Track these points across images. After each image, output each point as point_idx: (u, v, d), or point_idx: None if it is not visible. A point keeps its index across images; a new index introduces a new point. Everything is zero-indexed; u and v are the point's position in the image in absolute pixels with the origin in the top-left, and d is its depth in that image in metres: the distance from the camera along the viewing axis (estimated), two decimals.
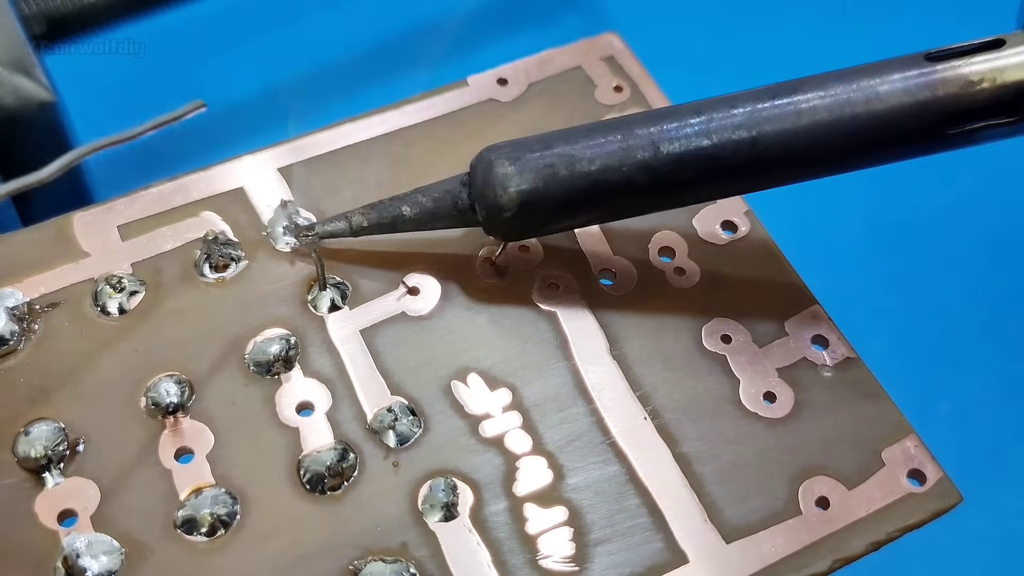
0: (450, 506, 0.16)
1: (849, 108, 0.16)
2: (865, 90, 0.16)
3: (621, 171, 0.16)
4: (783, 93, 0.16)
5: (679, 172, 0.16)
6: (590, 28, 0.22)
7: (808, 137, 0.16)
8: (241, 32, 0.36)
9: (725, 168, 0.16)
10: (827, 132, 0.16)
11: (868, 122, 0.16)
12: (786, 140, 0.16)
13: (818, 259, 0.18)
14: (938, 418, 0.34)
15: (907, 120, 0.16)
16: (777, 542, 0.16)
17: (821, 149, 0.16)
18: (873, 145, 0.16)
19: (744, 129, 0.16)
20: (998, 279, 0.36)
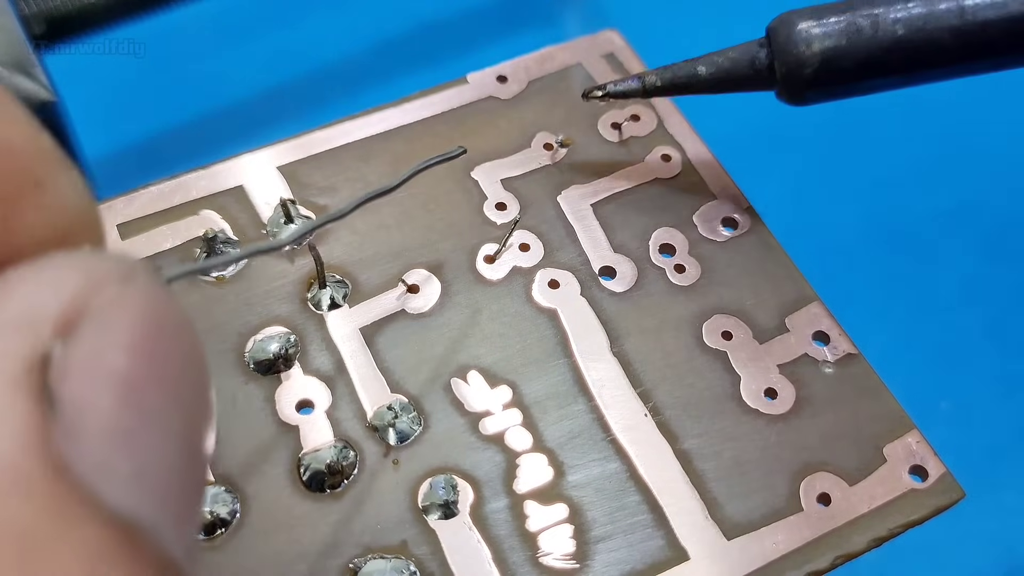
0: (450, 504, 0.16)
1: None
2: None
3: (925, 31, 0.16)
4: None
5: (983, 35, 0.16)
6: (590, 25, 0.22)
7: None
8: (241, 32, 0.36)
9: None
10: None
11: None
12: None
13: (819, 256, 0.18)
14: (938, 417, 0.34)
15: None
16: (778, 539, 0.16)
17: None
18: None
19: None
20: (998, 279, 0.36)
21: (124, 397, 0.07)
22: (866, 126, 0.32)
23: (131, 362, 0.08)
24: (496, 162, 0.20)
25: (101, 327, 0.08)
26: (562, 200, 0.19)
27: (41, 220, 0.08)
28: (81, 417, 0.07)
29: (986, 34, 0.16)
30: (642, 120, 0.21)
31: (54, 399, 0.07)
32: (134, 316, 0.08)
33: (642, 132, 0.20)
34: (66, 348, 0.07)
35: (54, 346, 0.07)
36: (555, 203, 0.19)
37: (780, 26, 0.17)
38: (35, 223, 0.08)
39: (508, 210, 0.19)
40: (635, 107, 0.21)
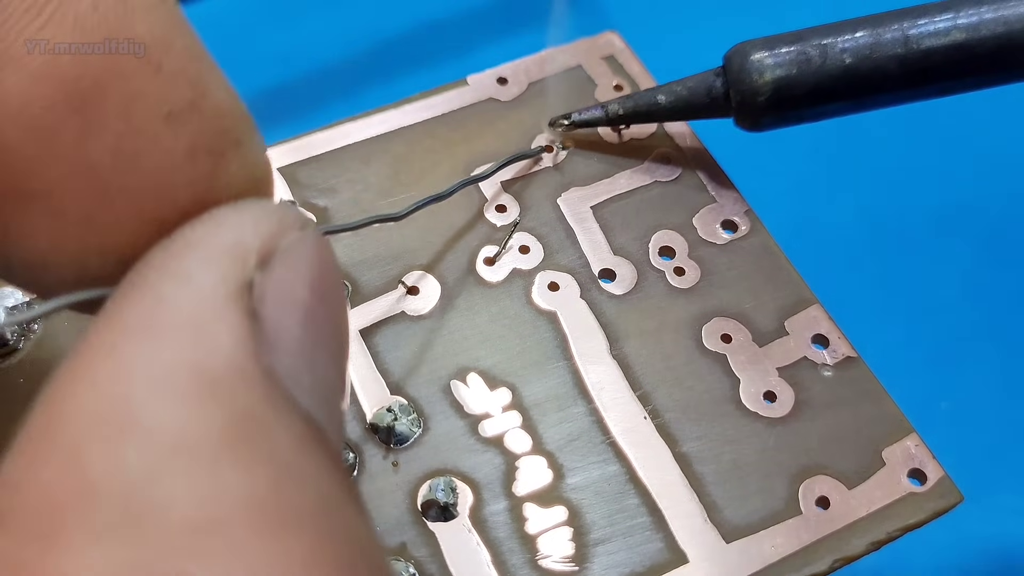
0: (448, 506, 0.16)
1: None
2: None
3: (872, 60, 0.17)
4: None
5: (927, 62, 0.17)
6: (590, 27, 0.22)
7: None
8: (241, 32, 0.36)
9: (976, 59, 0.17)
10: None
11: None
12: None
13: (819, 258, 0.18)
14: (938, 418, 0.34)
15: None
16: (777, 542, 0.16)
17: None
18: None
19: (993, 24, 0.17)
20: (998, 279, 0.36)
21: (305, 322, 0.09)
22: (866, 128, 0.32)
23: (310, 294, 0.09)
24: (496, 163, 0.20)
25: (289, 263, 0.09)
26: (562, 202, 0.19)
27: (240, 172, 0.10)
28: (277, 334, 0.09)
29: (929, 61, 0.17)
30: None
31: (256, 316, 0.09)
32: (311, 257, 0.09)
33: (642, 134, 0.20)
34: (264, 277, 0.09)
35: (256, 274, 0.09)
36: (555, 205, 0.19)
37: (735, 56, 0.18)
38: (236, 174, 0.10)
39: (508, 212, 0.19)
40: None
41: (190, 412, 0.08)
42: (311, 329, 0.09)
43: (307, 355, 0.09)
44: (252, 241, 0.09)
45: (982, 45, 0.17)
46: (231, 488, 0.07)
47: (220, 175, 0.10)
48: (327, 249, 0.10)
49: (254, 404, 0.08)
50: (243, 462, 0.08)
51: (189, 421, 0.08)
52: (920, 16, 0.18)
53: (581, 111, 0.20)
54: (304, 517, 0.08)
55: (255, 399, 0.08)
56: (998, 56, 0.17)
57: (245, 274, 0.09)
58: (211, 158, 0.09)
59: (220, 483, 0.07)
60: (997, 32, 0.17)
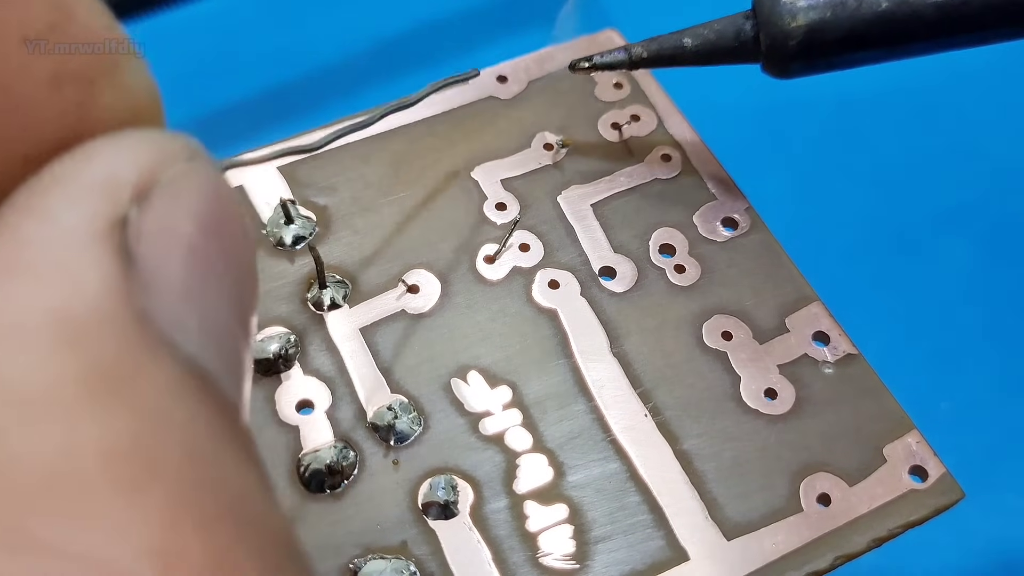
0: (449, 504, 0.16)
1: None
2: None
3: (908, 4, 0.17)
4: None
5: (967, 8, 0.16)
6: (590, 26, 0.22)
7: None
8: (241, 32, 0.36)
9: (1016, 7, 0.16)
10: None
11: None
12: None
13: (819, 256, 0.18)
14: (938, 418, 0.34)
15: None
16: (778, 539, 0.16)
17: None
18: None
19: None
20: (998, 279, 0.36)
21: (190, 261, 0.08)
22: (866, 126, 0.32)
23: (196, 230, 0.08)
24: (496, 162, 0.20)
25: (171, 197, 0.08)
26: (562, 200, 0.19)
27: (116, 101, 0.09)
28: (155, 275, 0.08)
29: (969, 7, 0.17)
30: (642, 120, 0.21)
31: (131, 255, 0.08)
32: (199, 190, 0.09)
33: (642, 132, 0.20)
34: (141, 213, 0.08)
35: (131, 210, 0.08)
36: (555, 203, 0.19)
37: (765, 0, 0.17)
38: (111, 103, 0.09)
39: (508, 210, 0.19)
40: (635, 107, 0.21)
41: (45, 360, 0.07)
42: (199, 268, 0.08)
43: (194, 296, 0.08)
44: (127, 174, 0.08)
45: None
46: (86, 440, 0.07)
47: (92, 105, 0.09)
48: (221, 182, 0.09)
49: (121, 350, 0.07)
50: (102, 412, 0.07)
51: (43, 370, 0.07)
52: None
53: (603, 54, 0.19)
54: (170, 468, 0.07)
55: (123, 345, 0.07)
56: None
57: (117, 210, 0.08)
58: (80, 86, 0.09)
59: (74, 435, 0.07)
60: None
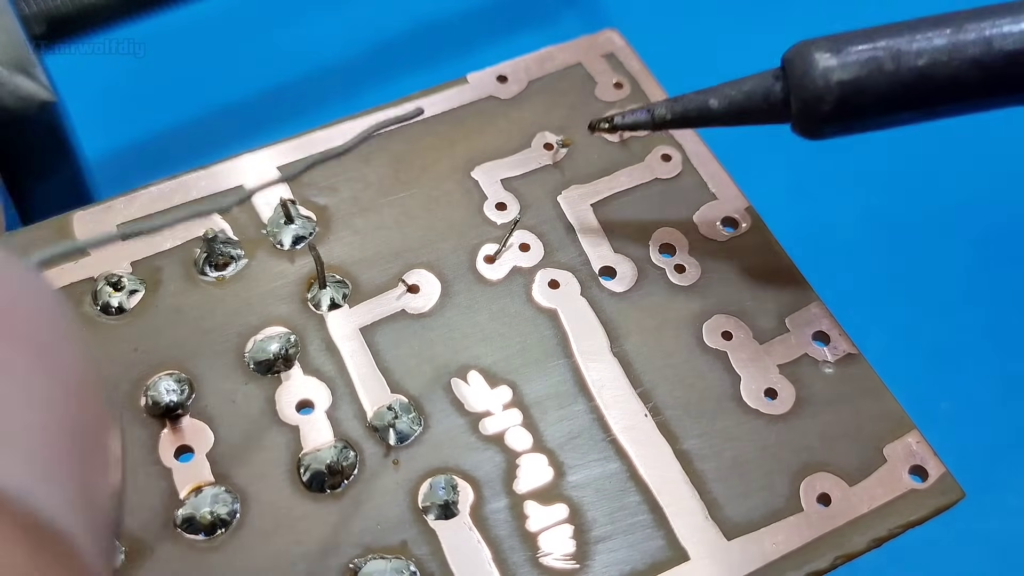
0: (450, 504, 0.16)
1: None
2: None
3: (950, 67, 0.16)
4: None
5: (1011, 69, 0.16)
6: (589, 25, 0.22)
7: None
8: (241, 32, 0.36)
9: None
10: None
11: None
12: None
13: (819, 256, 0.18)
14: (938, 418, 0.34)
15: None
16: (778, 539, 0.16)
17: None
18: None
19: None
20: (998, 279, 0.36)
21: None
22: None
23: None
24: (496, 162, 0.20)
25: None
26: (562, 200, 0.19)
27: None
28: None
29: (1014, 68, 0.16)
30: None
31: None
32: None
33: (642, 132, 0.20)
34: None
35: None
36: (555, 203, 0.19)
37: (796, 58, 0.16)
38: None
39: (508, 210, 0.19)
40: (636, 104, 0.21)
41: None
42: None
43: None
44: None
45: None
46: None
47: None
48: (9, 267, 0.08)
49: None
50: None
51: None
52: (1003, 15, 0.16)
53: (624, 114, 0.18)
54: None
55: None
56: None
57: None
58: None
59: None
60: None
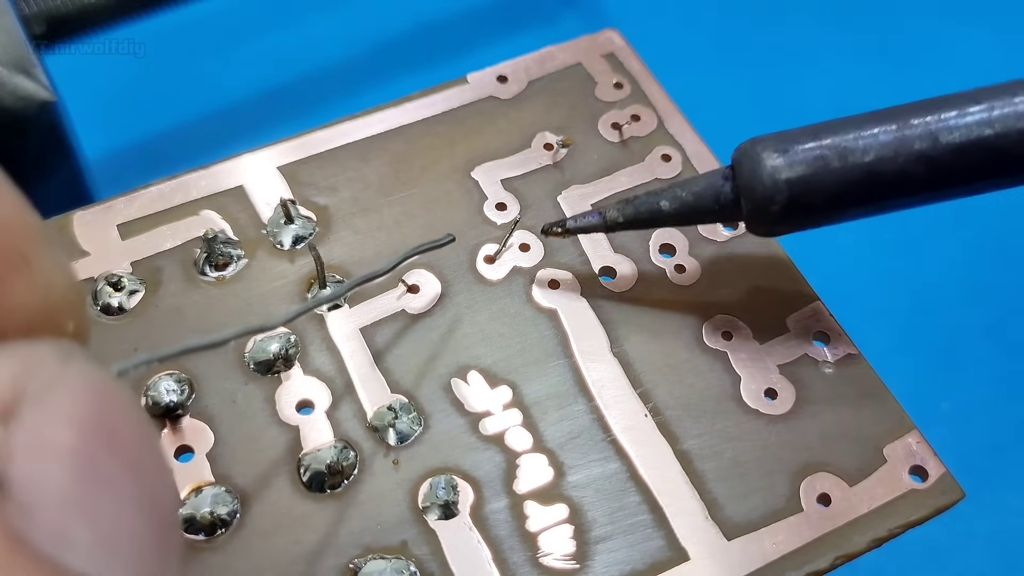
0: (450, 504, 0.16)
1: None
2: None
3: (896, 162, 0.16)
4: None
5: (958, 163, 0.15)
6: (590, 25, 0.22)
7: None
8: (241, 32, 0.36)
9: (1010, 160, 0.15)
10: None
11: None
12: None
13: (819, 256, 0.18)
14: (939, 418, 0.34)
15: None
16: (778, 539, 0.16)
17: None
18: None
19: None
20: (999, 279, 0.36)
21: (75, 469, 0.08)
22: None
23: (77, 435, 0.08)
24: (496, 162, 0.20)
25: (41, 407, 0.08)
26: (562, 200, 0.19)
27: (28, 298, 0.09)
28: (32, 492, 0.07)
29: (961, 161, 0.16)
30: (643, 120, 0.21)
31: (3, 480, 0.07)
32: (75, 393, 0.08)
33: (642, 132, 0.20)
34: (8, 431, 0.08)
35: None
36: (555, 203, 0.19)
37: (744, 158, 0.16)
38: (22, 300, 0.09)
39: (508, 210, 0.19)
40: (635, 107, 0.21)
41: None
42: (85, 475, 0.08)
43: (84, 509, 0.08)
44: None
45: (1021, 141, 0.15)
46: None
47: (2, 300, 0.08)
48: (103, 380, 0.09)
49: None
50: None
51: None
52: (947, 108, 0.16)
53: (577, 218, 0.18)
54: None
55: None
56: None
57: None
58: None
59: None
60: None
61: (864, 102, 0.18)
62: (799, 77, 0.38)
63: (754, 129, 0.18)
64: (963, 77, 0.18)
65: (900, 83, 0.38)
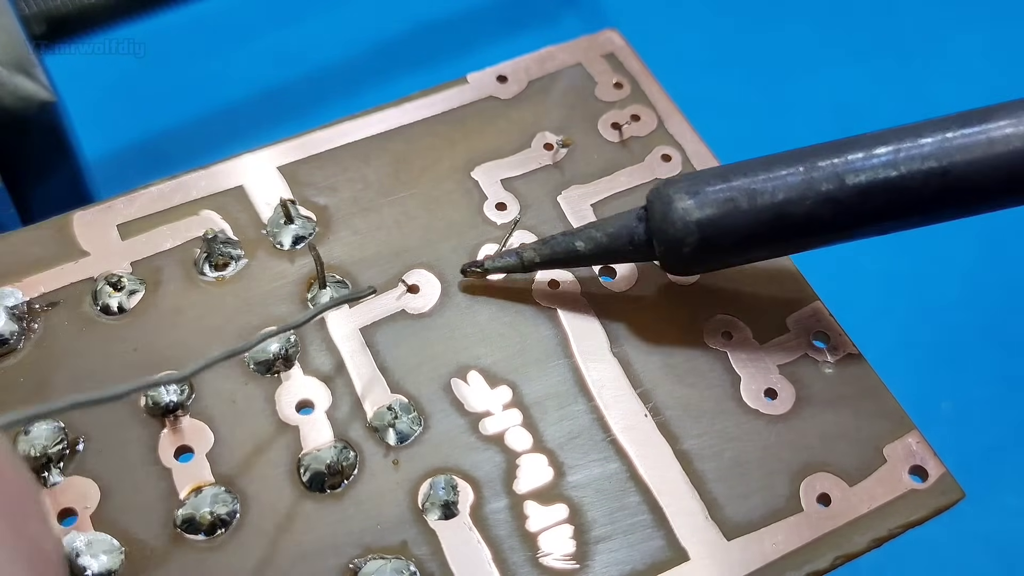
0: (450, 504, 0.16)
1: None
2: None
3: (804, 204, 0.16)
4: (972, 121, 0.15)
5: (865, 204, 0.16)
6: (589, 25, 0.22)
7: (1002, 166, 0.15)
8: (241, 32, 0.36)
9: (914, 200, 0.16)
10: (1021, 161, 0.15)
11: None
12: (979, 170, 0.15)
13: (819, 257, 0.18)
14: (939, 418, 0.34)
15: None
16: (778, 539, 0.16)
17: (1015, 178, 0.15)
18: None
19: (934, 159, 0.15)
20: (998, 279, 0.36)
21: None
22: (864, 127, 0.32)
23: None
24: (496, 162, 0.20)
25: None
26: (562, 200, 0.19)
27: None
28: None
29: (867, 202, 0.16)
30: (643, 120, 0.21)
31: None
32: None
33: (642, 132, 0.20)
34: None
35: None
36: (555, 203, 0.19)
37: (656, 200, 0.17)
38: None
39: (508, 210, 0.19)
40: (635, 107, 0.21)
41: None
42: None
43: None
44: None
45: (926, 183, 0.15)
46: None
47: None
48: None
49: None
50: None
51: None
52: (855, 150, 0.16)
53: (494, 258, 0.18)
54: None
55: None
56: (944, 192, 0.15)
57: None
58: None
59: None
60: (948, 165, 0.15)
61: (862, 102, 0.19)
62: (798, 77, 0.38)
63: (753, 128, 0.18)
64: (962, 77, 0.18)
65: (899, 84, 0.38)
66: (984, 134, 0.15)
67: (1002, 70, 0.38)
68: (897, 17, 0.42)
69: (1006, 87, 0.34)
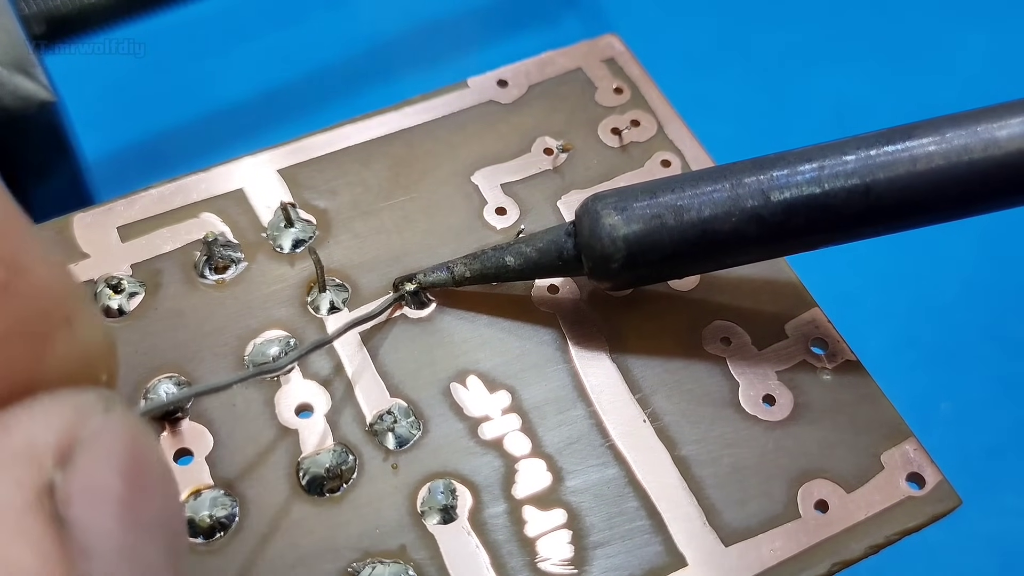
0: (449, 508, 0.16)
1: (966, 155, 0.15)
2: (982, 135, 0.15)
3: (730, 221, 0.16)
4: (896, 139, 0.16)
5: (789, 221, 0.16)
6: (590, 30, 0.22)
7: (924, 184, 0.15)
8: (241, 32, 0.36)
9: (837, 217, 0.16)
10: (943, 179, 0.15)
11: (986, 169, 0.15)
12: (901, 188, 0.15)
13: (819, 259, 0.18)
14: (938, 420, 0.34)
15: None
16: (776, 545, 0.16)
17: (937, 197, 0.15)
18: (991, 193, 0.15)
19: (857, 176, 0.15)
20: (998, 279, 0.36)
21: (122, 516, 0.08)
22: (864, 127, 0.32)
23: (122, 483, 0.09)
24: (496, 166, 0.20)
25: (93, 453, 0.09)
26: (562, 205, 0.19)
27: (68, 352, 0.09)
28: (90, 537, 0.08)
29: (791, 219, 0.16)
30: (642, 125, 0.21)
31: (63, 521, 0.08)
32: (119, 441, 0.09)
33: (642, 137, 0.20)
34: (66, 476, 0.08)
35: (55, 474, 0.08)
36: (555, 208, 0.19)
37: (584, 216, 0.17)
38: (63, 355, 0.09)
39: (508, 214, 0.19)
40: (635, 112, 0.21)
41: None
42: (130, 521, 0.08)
43: (130, 550, 0.08)
44: (46, 439, 0.08)
45: (848, 201, 0.15)
46: None
47: (46, 359, 0.09)
48: (137, 428, 0.09)
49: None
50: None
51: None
52: (780, 167, 0.16)
53: (427, 272, 0.18)
54: None
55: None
56: (866, 210, 0.16)
57: (43, 476, 0.08)
58: (32, 341, 0.09)
59: None
60: (870, 182, 0.15)
61: (863, 106, 0.19)
62: (798, 82, 0.38)
63: (753, 134, 0.18)
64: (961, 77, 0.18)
65: (898, 86, 0.38)
66: (907, 152, 0.15)
67: (1002, 70, 0.38)
68: (899, 20, 0.42)
69: (1006, 87, 0.34)
